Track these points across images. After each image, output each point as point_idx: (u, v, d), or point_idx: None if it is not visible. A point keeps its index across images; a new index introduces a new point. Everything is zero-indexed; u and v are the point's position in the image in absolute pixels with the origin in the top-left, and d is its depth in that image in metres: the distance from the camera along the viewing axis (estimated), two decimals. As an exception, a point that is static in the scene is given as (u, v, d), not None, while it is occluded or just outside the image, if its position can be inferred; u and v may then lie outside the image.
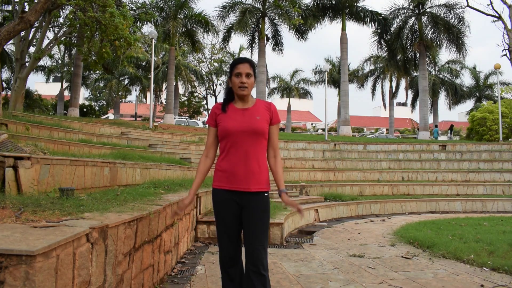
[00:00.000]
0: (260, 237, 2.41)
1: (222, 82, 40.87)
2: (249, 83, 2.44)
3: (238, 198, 2.44)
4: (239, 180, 2.41)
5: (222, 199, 2.47)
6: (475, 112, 28.00)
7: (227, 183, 2.44)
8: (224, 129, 2.44)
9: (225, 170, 2.45)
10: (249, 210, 2.43)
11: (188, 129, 19.93)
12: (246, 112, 2.47)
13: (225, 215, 2.47)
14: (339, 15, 25.25)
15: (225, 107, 2.52)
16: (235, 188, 2.43)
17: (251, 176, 2.42)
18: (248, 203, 2.43)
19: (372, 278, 4.11)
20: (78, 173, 4.30)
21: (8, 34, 8.01)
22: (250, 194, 2.42)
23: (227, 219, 2.47)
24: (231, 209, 2.45)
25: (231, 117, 2.46)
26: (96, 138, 9.98)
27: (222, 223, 2.49)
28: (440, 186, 13.95)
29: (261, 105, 2.53)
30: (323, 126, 45.70)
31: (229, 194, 2.44)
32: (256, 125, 2.43)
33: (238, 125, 2.42)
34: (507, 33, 24.80)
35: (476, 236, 6.27)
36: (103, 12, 11.39)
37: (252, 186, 2.42)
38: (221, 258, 2.54)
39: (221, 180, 2.46)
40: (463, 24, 24.25)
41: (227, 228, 2.48)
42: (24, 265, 1.44)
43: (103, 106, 46.48)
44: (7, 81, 31.24)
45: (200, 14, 24.39)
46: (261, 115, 2.47)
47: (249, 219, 2.43)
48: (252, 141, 2.43)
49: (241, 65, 2.44)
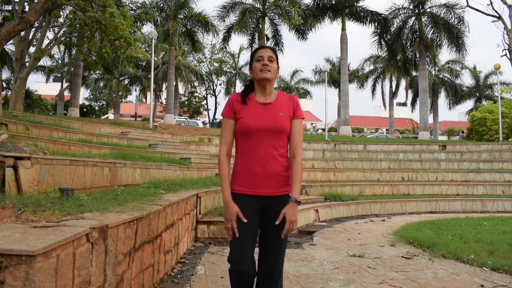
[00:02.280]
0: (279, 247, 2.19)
1: (222, 82, 40.93)
2: (271, 66, 2.24)
3: (259, 203, 2.18)
4: (261, 183, 2.17)
5: (243, 205, 2.16)
6: (475, 112, 27.99)
7: (247, 186, 2.19)
8: (243, 126, 2.20)
9: (245, 172, 2.20)
10: (271, 216, 2.17)
11: (188, 129, 19.93)
12: (268, 108, 2.24)
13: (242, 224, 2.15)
14: (339, 15, 25.25)
15: (245, 98, 2.28)
16: (256, 192, 2.18)
17: (273, 179, 2.18)
18: (269, 208, 2.18)
19: (372, 278, 4.10)
20: (78, 173, 4.30)
21: (8, 34, 8.01)
22: (273, 198, 2.19)
23: (246, 228, 2.15)
24: (251, 216, 2.16)
25: (251, 112, 2.22)
26: (96, 138, 9.98)
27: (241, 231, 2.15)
28: (440, 186, 13.95)
29: (284, 99, 2.30)
30: (323, 126, 45.70)
31: (250, 199, 2.18)
32: (279, 124, 2.20)
33: (259, 122, 2.19)
34: (507, 33, 24.79)
35: (476, 236, 6.27)
36: (103, 12, 11.40)
37: (275, 189, 2.19)
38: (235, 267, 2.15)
39: (240, 183, 2.21)
40: (463, 24, 24.27)
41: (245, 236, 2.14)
42: (24, 265, 1.44)
43: (103, 106, 46.49)
44: (7, 81, 31.23)
45: (200, 14, 24.40)
46: (284, 111, 2.25)
47: (270, 225, 2.18)
48: (275, 140, 2.20)
49: (262, 49, 2.29)
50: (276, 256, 2.20)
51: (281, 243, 2.20)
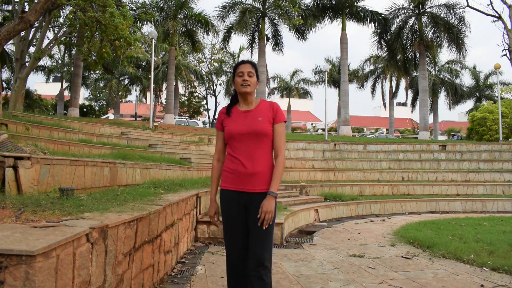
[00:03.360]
0: (262, 239, 2.38)
1: (222, 82, 40.89)
2: (251, 81, 2.50)
3: (243, 198, 2.44)
4: (244, 180, 2.43)
5: (229, 199, 2.48)
6: (475, 112, 27.98)
7: (233, 183, 2.47)
8: (228, 133, 2.51)
9: (231, 171, 2.48)
10: (253, 211, 2.41)
11: (188, 129, 19.93)
12: (248, 114, 2.51)
13: (231, 216, 2.49)
14: (339, 15, 25.24)
15: (229, 110, 2.59)
16: (240, 188, 2.45)
17: (255, 177, 2.42)
18: (252, 204, 2.42)
19: (372, 278, 4.10)
20: (78, 173, 4.29)
21: (8, 34, 8.01)
22: (254, 195, 2.42)
23: (233, 220, 2.48)
24: (236, 209, 2.46)
25: (234, 120, 2.52)
26: (96, 138, 9.97)
27: (228, 224, 2.50)
28: (440, 186, 13.95)
29: (264, 106, 2.55)
30: (323, 126, 45.68)
31: (235, 195, 2.46)
32: (257, 127, 2.45)
33: (240, 128, 2.47)
34: (507, 33, 24.78)
35: (476, 236, 6.28)
36: (103, 12, 11.39)
37: (257, 186, 2.42)
38: (228, 264, 2.51)
39: (227, 180, 2.50)
40: (464, 24, 24.24)
41: (232, 228, 2.48)
42: (24, 265, 1.44)
43: (103, 106, 46.47)
44: (7, 81, 31.23)
45: (200, 14, 24.39)
46: (264, 116, 2.49)
47: (253, 220, 2.40)
48: (257, 142, 2.45)
49: (243, 65, 2.56)
50: (259, 250, 2.37)
51: (264, 236, 2.37)
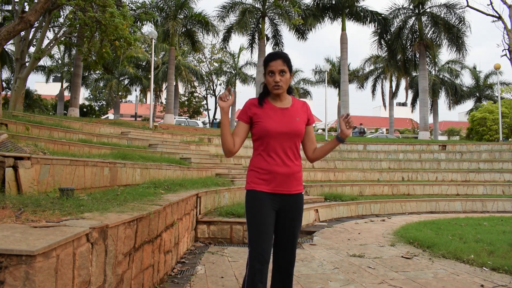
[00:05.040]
0: (295, 241, 2.43)
1: (222, 82, 40.90)
2: (283, 80, 2.33)
3: (277, 200, 2.36)
4: (280, 182, 2.34)
5: (261, 202, 2.33)
6: (475, 112, 27.98)
7: (267, 185, 2.35)
8: (264, 129, 2.33)
9: (265, 171, 2.35)
10: (287, 212, 2.38)
11: (188, 129, 19.93)
12: (286, 112, 2.38)
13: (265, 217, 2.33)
14: (339, 15, 25.23)
15: (262, 102, 2.40)
16: (276, 190, 2.35)
17: (291, 178, 2.37)
18: (287, 205, 2.38)
19: (372, 278, 4.11)
20: (78, 173, 4.29)
21: (8, 34, 8.01)
22: (290, 196, 2.38)
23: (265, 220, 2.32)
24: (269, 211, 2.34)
25: (271, 117, 2.35)
26: (96, 138, 9.97)
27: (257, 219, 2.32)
28: (440, 186, 13.95)
29: (298, 105, 2.46)
30: (323, 126, 45.66)
31: (268, 196, 2.34)
32: (297, 128, 2.37)
33: (279, 126, 2.33)
34: (507, 33, 24.77)
35: (476, 236, 6.27)
36: (103, 12, 11.40)
37: (293, 187, 2.38)
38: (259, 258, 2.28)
39: (258, 182, 2.36)
40: (464, 24, 24.22)
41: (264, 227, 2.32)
42: (24, 265, 1.44)
43: (103, 106, 46.47)
44: (7, 81, 31.23)
45: (200, 14, 24.39)
46: (300, 116, 2.42)
47: (286, 221, 2.39)
48: (292, 142, 2.37)
49: (274, 62, 2.32)
50: (292, 250, 2.42)
51: (295, 238, 2.43)
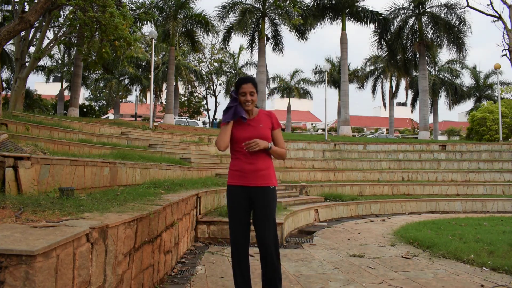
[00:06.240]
0: (266, 222, 2.92)
1: (222, 82, 40.92)
2: (253, 99, 2.99)
3: (248, 192, 2.95)
4: (249, 177, 2.95)
5: (236, 193, 2.99)
6: (475, 112, 27.97)
7: (239, 180, 2.98)
8: (235, 137, 3.01)
9: (237, 169, 3.00)
10: (258, 200, 2.95)
11: (188, 129, 19.93)
12: (251, 123, 3.04)
13: (237, 206, 2.98)
14: (339, 15, 25.23)
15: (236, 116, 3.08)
16: (246, 183, 2.96)
17: (258, 173, 2.96)
18: (257, 196, 2.95)
19: (372, 278, 4.10)
20: (78, 173, 4.29)
21: (8, 34, 8.01)
22: (258, 188, 2.95)
23: (239, 209, 2.98)
24: (242, 200, 2.97)
25: (241, 126, 3.02)
26: (96, 138, 9.97)
27: (234, 212, 2.99)
28: (440, 186, 13.95)
29: (263, 115, 3.10)
30: (323, 126, 45.70)
31: (241, 189, 2.97)
32: (260, 133, 3.00)
33: (246, 134, 2.98)
34: (507, 33, 24.77)
35: (476, 236, 6.27)
36: (103, 12, 11.39)
37: (259, 181, 2.95)
38: (233, 240, 2.98)
39: (234, 177, 3.01)
40: (464, 24, 24.21)
41: (238, 215, 2.98)
42: (24, 265, 1.44)
43: (103, 106, 46.48)
44: (7, 81, 31.22)
45: (200, 14, 24.39)
46: (264, 123, 3.05)
47: (257, 207, 2.95)
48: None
49: (245, 85, 2.97)
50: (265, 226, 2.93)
51: (266, 221, 2.94)
